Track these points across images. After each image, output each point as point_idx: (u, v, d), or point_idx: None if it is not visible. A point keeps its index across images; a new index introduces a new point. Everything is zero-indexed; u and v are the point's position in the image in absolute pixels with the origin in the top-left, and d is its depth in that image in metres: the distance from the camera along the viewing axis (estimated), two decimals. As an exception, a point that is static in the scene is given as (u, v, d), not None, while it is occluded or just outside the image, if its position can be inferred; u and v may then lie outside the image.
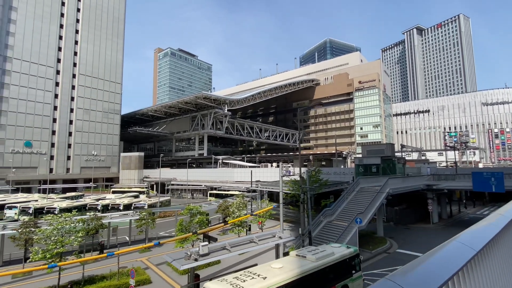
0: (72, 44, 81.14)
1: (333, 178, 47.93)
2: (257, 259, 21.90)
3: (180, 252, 14.13)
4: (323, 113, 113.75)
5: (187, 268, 12.93)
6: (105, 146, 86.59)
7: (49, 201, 43.77)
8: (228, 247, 14.76)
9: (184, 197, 65.46)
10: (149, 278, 18.47)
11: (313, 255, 14.71)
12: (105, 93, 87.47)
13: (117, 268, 20.55)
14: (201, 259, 13.47)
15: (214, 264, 21.06)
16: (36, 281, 18.43)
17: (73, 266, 21.19)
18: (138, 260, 23.55)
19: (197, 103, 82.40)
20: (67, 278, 18.49)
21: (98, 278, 18.12)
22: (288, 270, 13.26)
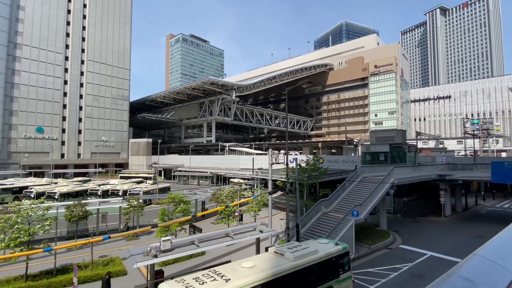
0: (79, 29, 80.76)
1: (341, 166, 45.80)
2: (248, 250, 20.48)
3: (143, 246, 12.68)
4: (336, 99, 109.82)
5: (142, 265, 11.47)
6: (114, 132, 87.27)
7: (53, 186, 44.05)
8: (196, 242, 13.19)
9: (190, 183, 65.04)
10: (124, 269, 17.37)
11: (292, 252, 12.89)
12: (113, 79, 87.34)
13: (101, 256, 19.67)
14: (162, 256, 11.97)
15: (198, 256, 19.78)
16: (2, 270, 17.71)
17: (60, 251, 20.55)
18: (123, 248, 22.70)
19: (204, 89, 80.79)
20: (39, 267, 17.69)
21: (71, 268, 17.17)
22: (259, 271, 11.54)
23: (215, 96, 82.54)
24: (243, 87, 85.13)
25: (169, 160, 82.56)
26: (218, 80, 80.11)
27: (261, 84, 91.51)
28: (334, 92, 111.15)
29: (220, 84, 78.20)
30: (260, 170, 43.46)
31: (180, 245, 12.93)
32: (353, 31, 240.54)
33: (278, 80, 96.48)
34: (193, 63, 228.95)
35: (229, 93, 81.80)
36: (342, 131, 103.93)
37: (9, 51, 68.45)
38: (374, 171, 28.67)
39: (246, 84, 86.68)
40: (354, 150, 77.67)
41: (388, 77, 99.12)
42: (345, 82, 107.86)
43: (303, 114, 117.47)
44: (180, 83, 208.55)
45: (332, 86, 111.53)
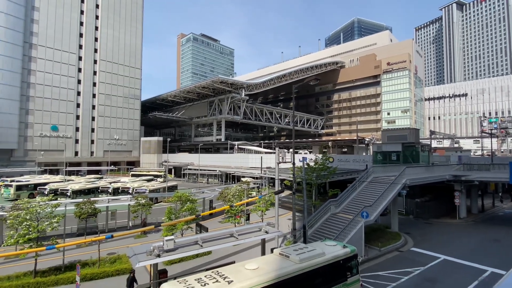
0: (92, 30, 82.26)
1: (352, 165, 45.01)
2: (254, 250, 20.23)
3: (147, 245, 12.59)
4: (348, 97, 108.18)
5: (144, 265, 11.37)
6: (126, 131, 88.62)
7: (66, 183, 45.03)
8: (200, 242, 13.01)
9: (200, 182, 65.35)
10: (130, 267, 17.41)
11: (297, 255, 12.54)
12: (125, 79, 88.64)
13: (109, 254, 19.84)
14: (165, 255, 11.84)
15: (204, 255, 19.67)
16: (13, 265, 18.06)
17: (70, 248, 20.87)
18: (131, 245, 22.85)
19: (214, 87, 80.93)
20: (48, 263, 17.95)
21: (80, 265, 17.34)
22: (263, 273, 11.25)
23: (225, 94, 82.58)
24: (252, 85, 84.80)
25: (179, 158, 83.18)
26: (228, 78, 79.96)
27: (271, 82, 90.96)
28: (345, 90, 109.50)
29: (229, 82, 78.15)
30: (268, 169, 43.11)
31: (184, 244, 12.78)
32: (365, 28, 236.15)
33: (288, 78, 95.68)
34: (203, 62, 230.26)
35: (239, 91, 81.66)
36: (353, 130, 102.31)
37: (25, 51, 70.41)
38: (385, 171, 27.87)
39: (255, 82, 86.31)
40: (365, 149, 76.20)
41: (401, 74, 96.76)
42: (356, 80, 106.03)
43: (313, 113, 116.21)
44: (191, 82, 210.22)
45: (343, 84, 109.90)
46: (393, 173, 26.21)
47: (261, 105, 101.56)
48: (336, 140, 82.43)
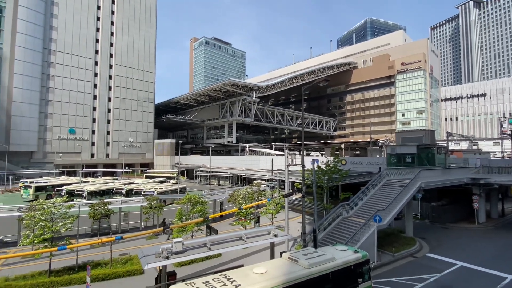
0: (108, 35, 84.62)
1: (364, 168, 44.21)
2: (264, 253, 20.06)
3: (156, 247, 12.66)
4: (361, 98, 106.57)
5: (153, 267, 11.41)
6: (140, 133, 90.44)
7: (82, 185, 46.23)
8: (208, 244, 12.96)
9: (211, 183, 65.75)
10: (141, 268, 17.57)
11: (306, 259, 12.27)
12: (139, 83, 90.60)
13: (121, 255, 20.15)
14: (173, 257, 11.85)
15: (214, 258, 19.64)
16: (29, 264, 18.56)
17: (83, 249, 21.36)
18: (143, 247, 23.12)
19: (225, 90, 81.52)
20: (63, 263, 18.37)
21: (92, 265, 17.67)
22: (271, 278, 11.06)
23: (236, 97, 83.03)
24: (263, 87, 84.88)
25: (191, 160, 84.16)
26: (239, 81, 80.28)
27: (282, 84, 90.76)
28: (358, 91, 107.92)
29: (241, 85, 78.48)
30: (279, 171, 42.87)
31: (192, 247, 12.77)
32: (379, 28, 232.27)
33: (299, 80, 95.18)
34: (215, 65, 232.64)
35: (250, 94, 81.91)
36: (366, 132, 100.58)
37: (44, 57, 73.16)
38: (399, 174, 27.19)
39: (266, 84, 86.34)
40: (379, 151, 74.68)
41: (416, 74, 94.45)
42: (370, 80, 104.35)
43: (326, 114, 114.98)
44: (203, 85, 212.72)
45: (356, 85, 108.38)
46: (408, 176, 25.50)
47: (272, 107, 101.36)
48: (348, 142, 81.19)
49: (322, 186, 26.64)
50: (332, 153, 63.10)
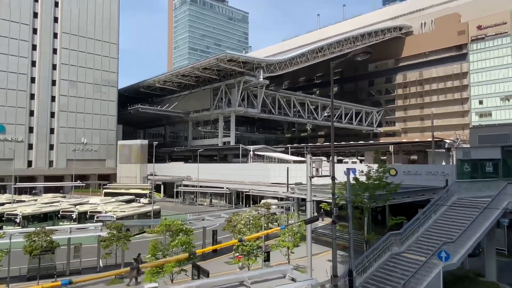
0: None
1: (424, 181, 44.01)
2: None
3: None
4: (418, 78, 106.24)
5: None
6: (98, 132, 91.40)
7: (15, 206, 46.86)
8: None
9: (199, 203, 65.93)
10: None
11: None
12: (96, 59, 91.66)
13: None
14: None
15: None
16: None
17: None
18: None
19: (220, 68, 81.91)
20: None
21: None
22: None
23: (235, 78, 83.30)
24: (275, 64, 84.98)
25: (171, 169, 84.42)
26: (239, 55, 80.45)
27: (302, 59, 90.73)
28: (414, 68, 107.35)
29: (241, 61, 78.78)
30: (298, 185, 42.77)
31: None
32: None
33: (327, 52, 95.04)
34: (205, 32, 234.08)
35: (255, 73, 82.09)
36: (426, 127, 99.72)
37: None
38: (476, 190, 27.01)
39: (279, 59, 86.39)
40: (445, 156, 73.91)
41: (500, 43, 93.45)
42: (430, 52, 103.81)
43: (366, 103, 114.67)
44: (187, 61, 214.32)
45: (411, 59, 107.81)
46: (488, 193, 25.29)
47: (288, 92, 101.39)
48: (400, 142, 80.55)
49: (361, 208, 26.48)
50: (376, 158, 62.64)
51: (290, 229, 24.90)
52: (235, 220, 27.77)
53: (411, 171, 46.31)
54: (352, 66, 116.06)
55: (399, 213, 31.56)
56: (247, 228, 25.94)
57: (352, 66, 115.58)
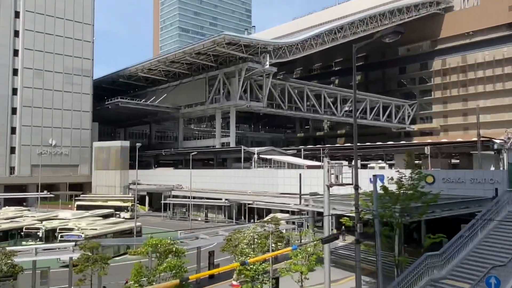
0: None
1: (469, 190, 43.72)
2: None
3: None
4: (459, 64, 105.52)
5: None
6: (69, 131, 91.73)
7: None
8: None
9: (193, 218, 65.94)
10: None
11: None
12: (67, 42, 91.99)
13: None
14: None
15: None
16: None
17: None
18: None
19: (217, 53, 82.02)
20: None
21: None
22: None
23: (236, 65, 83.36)
24: (284, 47, 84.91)
25: (158, 177, 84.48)
26: (241, 37, 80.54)
27: (317, 42, 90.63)
28: (455, 52, 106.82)
29: (243, 44, 78.78)
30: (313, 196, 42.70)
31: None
32: None
33: (349, 33, 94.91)
34: (198, 10, 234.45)
35: (260, 59, 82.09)
36: (471, 125, 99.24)
37: None
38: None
39: (289, 42, 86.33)
40: (494, 159, 73.61)
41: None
42: (475, 32, 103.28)
43: (396, 94, 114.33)
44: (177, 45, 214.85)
45: (451, 40, 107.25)
46: (547, 204, 25.17)
47: (301, 82, 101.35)
48: (439, 143, 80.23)
49: (391, 224, 26.36)
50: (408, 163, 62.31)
51: (304, 249, 24.77)
52: (236, 239, 27.69)
53: (452, 178, 46.00)
54: (379, 50, 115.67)
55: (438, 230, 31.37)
56: (251, 248, 25.83)
57: (379, 50, 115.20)
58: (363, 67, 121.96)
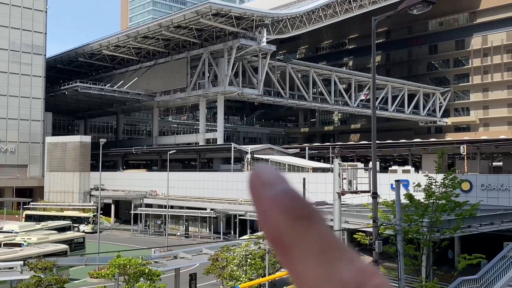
0: None
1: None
2: None
3: None
4: (504, 43, 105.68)
5: None
6: (15, 123, 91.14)
7: None
8: None
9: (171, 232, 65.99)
10: None
11: None
12: (13, 12, 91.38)
13: None
14: None
15: None
16: None
17: None
18: None
19: (201, 27, 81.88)
20: None
21: None
22: None
23: (224, 42, 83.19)
24: (285, 20, 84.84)
25: (127, 181, 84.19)
26: (231, 7, 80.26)
27: (327, 13, 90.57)
28: (499, 27, 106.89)
29: (234, 15, 78.62)
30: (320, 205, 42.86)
31: None
32: None
33: (367, 3, 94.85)
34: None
35: (255, 35, 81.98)
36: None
37: None
38: None
39: (292, 13, 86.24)
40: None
41: None
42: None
43: (424, 80, 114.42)
44: (152, 15, 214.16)
45: (494, 12, 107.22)
46: None
47: (306, 63, 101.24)
48: (478, 141, 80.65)
49: (417, 241, 26.48)
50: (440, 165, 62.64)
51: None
52: (225, 259, 27.76)
53: (493, 185, 46.28)
54: (404, 24, 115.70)
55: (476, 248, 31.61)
56: (242, 270, 25.93)
57: (404, 24, 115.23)
58: (384, 46, 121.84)
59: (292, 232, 0.49)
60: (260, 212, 0.49)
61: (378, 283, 0.48)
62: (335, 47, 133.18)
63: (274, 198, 0.51)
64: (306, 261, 0.48)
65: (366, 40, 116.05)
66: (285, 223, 0.49)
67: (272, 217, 0.51)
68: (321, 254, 0.50)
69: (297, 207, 0.50)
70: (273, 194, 0.49)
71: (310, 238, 0.50)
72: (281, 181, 0.51)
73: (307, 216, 0.51)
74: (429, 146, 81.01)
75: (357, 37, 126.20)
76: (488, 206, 38.23)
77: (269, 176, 0.51)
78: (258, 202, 0.49)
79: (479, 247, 31.50)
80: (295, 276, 0.48)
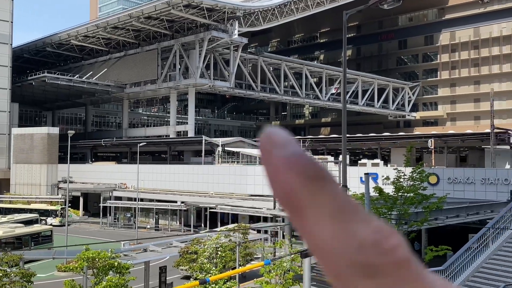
0: None
1: (479, 192, 45.16)
2: None
3: None
4: (471, 39, 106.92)
5: None
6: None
7: None
8: None
9: (141, 225, 65.68)
10: None
11: None
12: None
13: None
14: None
15: None
16: None
17: None
18: None
19: (172, 18, 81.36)
20: None
21: None
22: None
23: (196, 34, 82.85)
24: (257, 13, 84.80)
25: (96, 173, 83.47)
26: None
27: (298, 6, 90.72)
28: (467, 23, 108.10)
29: (206, 6, 78.33)
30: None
31: None
32: None
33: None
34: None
35: (227, 27, 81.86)
36: (484, 113, 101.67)
37: None
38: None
39: (264, 6, 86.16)
40: (510, 156, 75.78)
41: None
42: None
43: (394, 74, 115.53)
44: (121, 5, 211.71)
45: (462, 8, 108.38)
46: None
47: (277, 56, 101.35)
48: (445, 135, 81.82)
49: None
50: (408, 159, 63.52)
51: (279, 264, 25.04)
52: (195, 252, 27.78)
53: (459, 178, 47.03)
54: (375, 19, 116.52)
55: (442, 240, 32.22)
56: (212, 263, 25.97)
57: (374, 18, 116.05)
58: (355, 40, 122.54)
59: (306, 192, 0.50)
60: (271, 172, 0.50)
61: (395, 243, 0.48)
62: (306, 41, 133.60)
63: (286, 158, 0.57)
64: (321, 220, 0.49)
65: (337, 34, 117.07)
66: (298, 182, 0.50)
67: (284, 176, 0.56)
68: (336, 214, 0.51)
69: (310, 167, 0.51)
70: (285, 154, 0.51)
71: (325, 198, 0.51)
72: (293, 143, 0.52)
73: (321, 176, 0.51)
74: (398, 140, 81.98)
75: (328, 31, 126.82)
76: (455, 199, 38.95)
77: (281, 138, 0.52)
78: (269, 162, 0.49)
79: (446, 239, 32.12)
80: (309, 235, 0.48)
